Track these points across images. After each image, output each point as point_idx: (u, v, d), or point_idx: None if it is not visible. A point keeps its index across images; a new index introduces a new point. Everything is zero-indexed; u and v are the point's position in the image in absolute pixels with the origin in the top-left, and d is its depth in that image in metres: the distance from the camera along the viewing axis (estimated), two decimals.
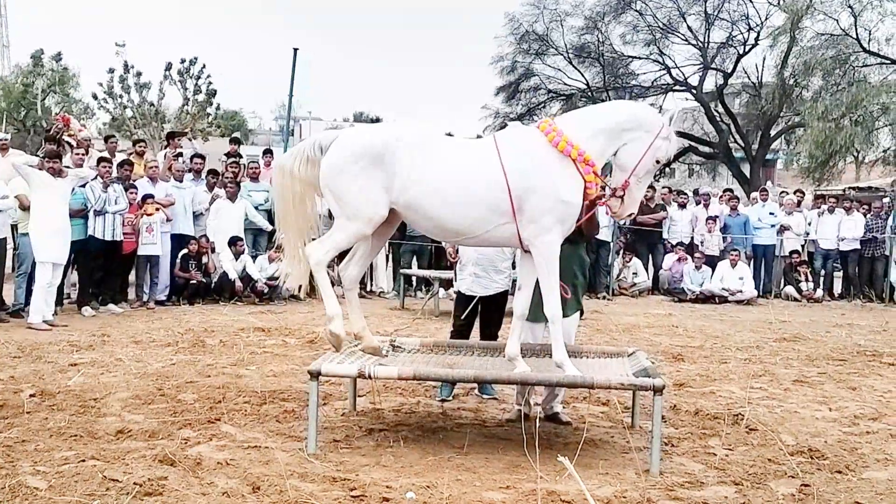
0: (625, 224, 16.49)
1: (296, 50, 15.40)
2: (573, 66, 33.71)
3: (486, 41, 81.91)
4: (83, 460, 5.31)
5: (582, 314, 7.05)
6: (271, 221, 14.49)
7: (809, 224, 17.25)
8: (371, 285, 15.03)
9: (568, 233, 5.76)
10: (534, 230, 5.59)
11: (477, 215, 5.61)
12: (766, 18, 30.89)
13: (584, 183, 5.61)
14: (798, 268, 16.62)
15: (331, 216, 6.01)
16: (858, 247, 16.64)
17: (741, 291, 15.57)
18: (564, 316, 6.04)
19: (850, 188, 28.54)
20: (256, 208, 14.34)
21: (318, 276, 5.88)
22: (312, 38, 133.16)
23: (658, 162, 5.72)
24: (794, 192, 18.86)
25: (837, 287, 17.37)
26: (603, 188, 5.85)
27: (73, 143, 13.65)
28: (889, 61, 25.72)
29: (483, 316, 7.42)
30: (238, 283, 13.44)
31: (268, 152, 16.47)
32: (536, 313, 6.19)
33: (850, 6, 25.44)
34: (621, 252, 16.44)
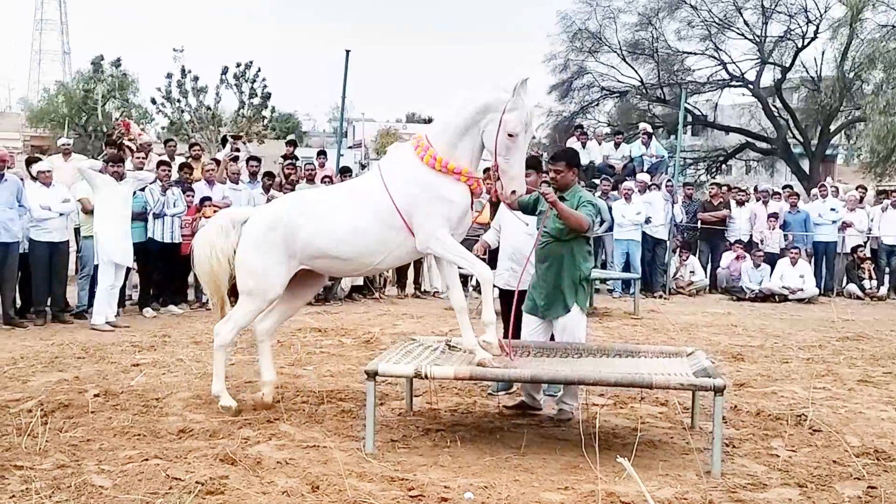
0: (682, 222, 16.32)
1: (348, 52, 15.47)
2: (627, 63, 33.38)
3: (539, 40, 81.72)
4: (146, 459, 5.41)
5: (586, 311, 6.93)
6: None
7: (872, 220, 16.85)
8: (426, 285, 15.05)
9: (461, 230, 6.15)
10: (423, 236, 6.04)
11: (377, 239, 6.18)
12: (826, 11, 30.36)
13: (464, 184, 6.00)
14: (862, 265, 16.25)
15: None
16: None
17: (802, 290, 15.26)
18: (557, 316, 6.59)
19: None
20: None
21: (217, 357, 6.69)
22: (365, 39, 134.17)
23: (511, 136, 5.70)
24: (857, 188, 18.43)
25: None
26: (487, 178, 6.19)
27: (134, 147, 13.89)
28: None
29: (503, 313, 7.42)
30: None
31: (322, 154, 16.60)
32: (545, 310, 6.63)
33: None
34: (678, 250, 16.23)
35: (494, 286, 7.51)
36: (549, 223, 6.52)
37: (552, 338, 6.74)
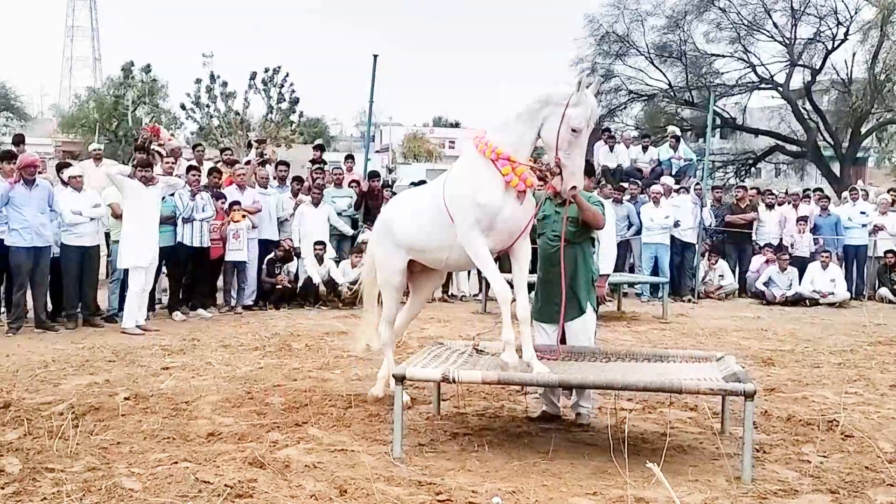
0: (711, 225, 16.20)
1: (375, 56, 15.50)
2: (655, 66, 33.20)
3: (566, 43, 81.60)
4: (176, 462, 5.44)
5: (597, 312, 6.92)
6: (354, 226, 14.69)
7: None
8: (453, 289, 15.04)
9: (495, 235, 6.04)
10: (459, 235, 6.10)
11: (438, 235, 6.36)
12: (856, 13, 30.07)
13: (503, 178, 5.84)
14: (894, 268, 16.05)
15: None
16: None
17: (833, 294, 15.10)
18: (572, 318, 6.58)
19: None
20: (340, 214, 14.50)
21: (385, 355, 7.24)
22: (393, 43, 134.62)
23: (575, 131, 5.62)
24: (888, 192, 18.20)
25: None
26: (543, 174, 6.16)
27: (164, 153, 13.99)
28: None
29: None
30: (322, 288, 13.60)
31: (350, 158, 16.64)
32: (550, 314, 6.59)
33: None
34: (707, 254, 16.10)
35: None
36: (557, 227, 6.50)
37: (563, 340, 6.69)
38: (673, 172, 16.91)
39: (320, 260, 13.65)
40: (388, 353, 7.20)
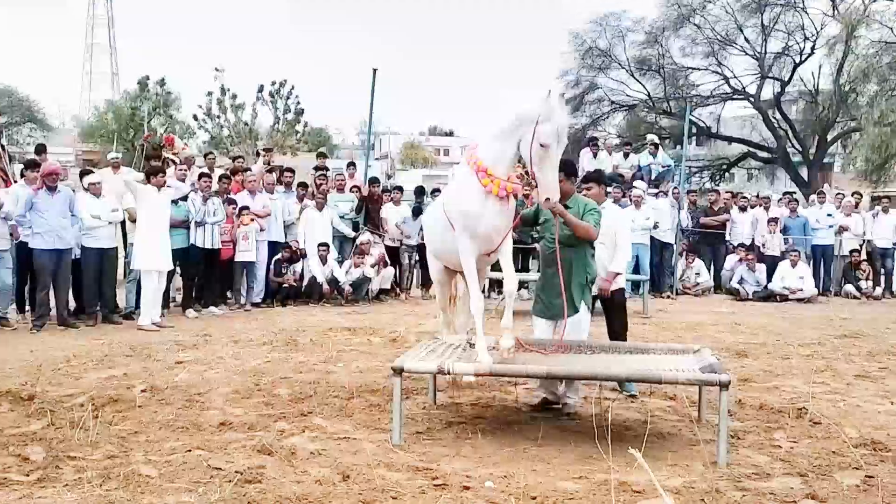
0: (688, 226, 16.22)
1: (375, 70, 15.45)
2: (635, 78, 33.24)
3: (552, 57, 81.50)
4: (189, 450, 5.42)
5: (591, 311, 6.90)
6: (355, 229, 14.66)
7: (866, 224, 16.69)
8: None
9: (480, 239, 6.03)
10: (456, 238, 6.14)
11: (443, 238, 6.49)
12: (822, 28, 30.13)
13: (484, 188, 5.85)
14: (858, 266, 16.09)
15: None
16: None
17: (801, 290, 15.13)
18: (567, 315, 6.42)
19: None
20: (342, 217, 14.49)
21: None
22: (391, 57, 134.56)
23: (543, 146, 5.56)
24: (852, 195, 18.23)
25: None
26: (527, 188, 6.28)
27: (178, 161, 13.96)
28: None
29: (605, 316, 7.38)
30: (325, 287, 13.59)
31: (351, 165, 16.64)
32: (552, 310, 6.58)
33: None
34: (684, 253, 16.12)
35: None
36: (555, 230, 6.49)
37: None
38: (652, 177, 16.91)
39: (324, 260, 13.64)
40: (444, 332, 7.48)
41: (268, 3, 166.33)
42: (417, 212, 14.44)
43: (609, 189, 15.74)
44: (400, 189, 16.18)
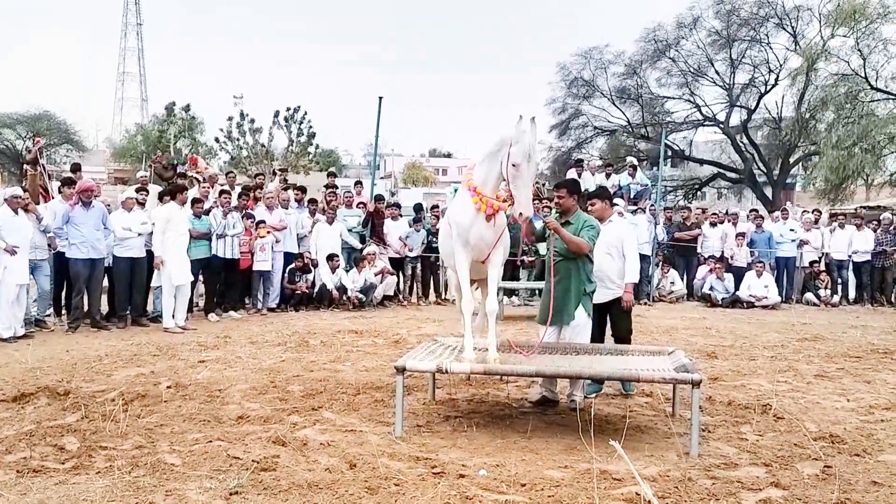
0: (664, 240, 16.24)
1: (380, 98, 15.48)
2: (616, 106, 33.56)
3: (541, 86, 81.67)
4: (210, 441, 5.42)
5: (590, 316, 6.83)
6: (362, 241, 14.66)
7: (825, 239, 16.73)
8: (446, 294, 15.00)
9: (471, 249, 6.00)
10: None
11: (449, 245, 6.25)
12: (785, 62, 30.55)
13: (474, 204, 5.86)
14: (818, 277, 16.12)
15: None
16: (870, 258, 16.06)
17: (766, 298, 15.12)
18: (568, 322, 6.52)
19: (860, 207, 27.55)
20: (350, 230, 14.50)
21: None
22: (396, 84, 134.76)
23: (515, 165, 5.57)
24: (812, 212, 18.27)
25: (852, 293, 16.75)
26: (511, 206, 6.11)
27: (201, 179, 13.97)
28: (894, 97, 24.90)
29: (610, 321, 7.29)
30: (335, 293, 13.58)
31: (358, 183, 16.66)
32: (555, 317, 6.51)
33: (859, 50, 24.77)
34: (660, 264, 16.13)
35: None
36: (558, 244, 6.51)
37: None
38: (631, 196, 16.93)
39: (334, 270, 13.64)
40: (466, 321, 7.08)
41: (283, 37, 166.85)
42: (417, 221, 15.01)
43: (618, 203, 15.83)
44: (398, 206, 16.22)
